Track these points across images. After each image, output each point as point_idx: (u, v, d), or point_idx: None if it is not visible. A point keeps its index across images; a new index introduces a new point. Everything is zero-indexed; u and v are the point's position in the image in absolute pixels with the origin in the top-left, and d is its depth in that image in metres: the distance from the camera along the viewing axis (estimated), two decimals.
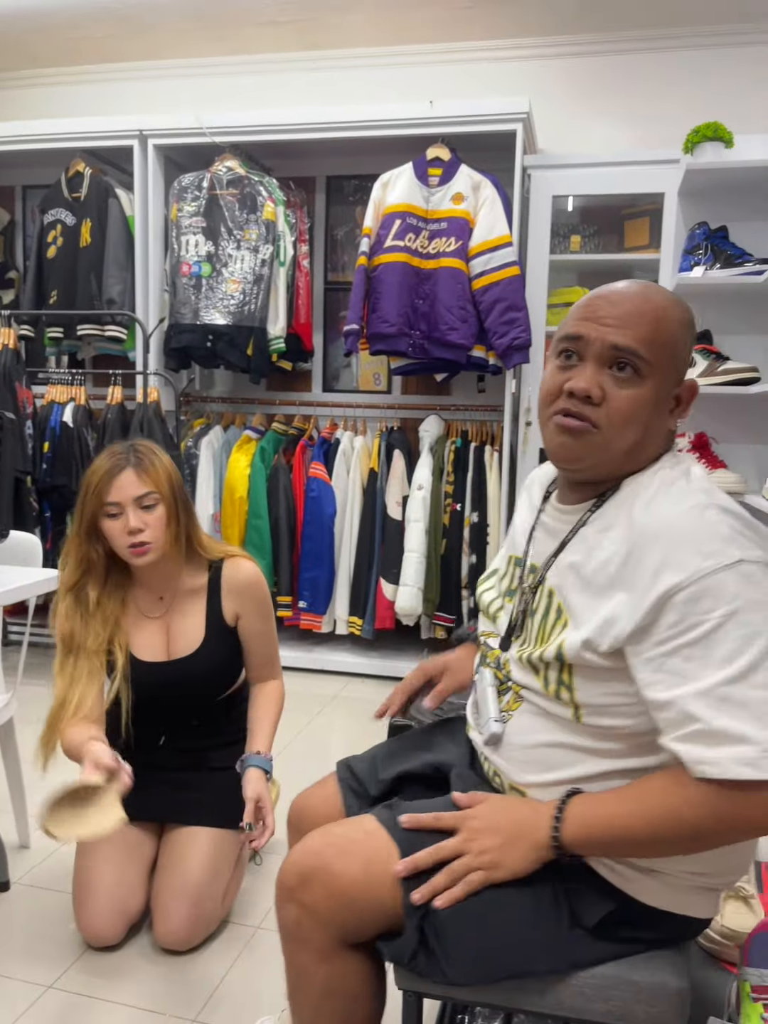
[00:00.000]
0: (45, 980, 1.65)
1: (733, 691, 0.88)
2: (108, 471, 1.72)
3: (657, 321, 1.00)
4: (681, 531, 0.93)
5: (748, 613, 0.88)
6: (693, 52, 3.35)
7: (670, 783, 0.93)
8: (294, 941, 1.08)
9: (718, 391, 2.74)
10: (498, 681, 1.14)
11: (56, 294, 3.55)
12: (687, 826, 0.92)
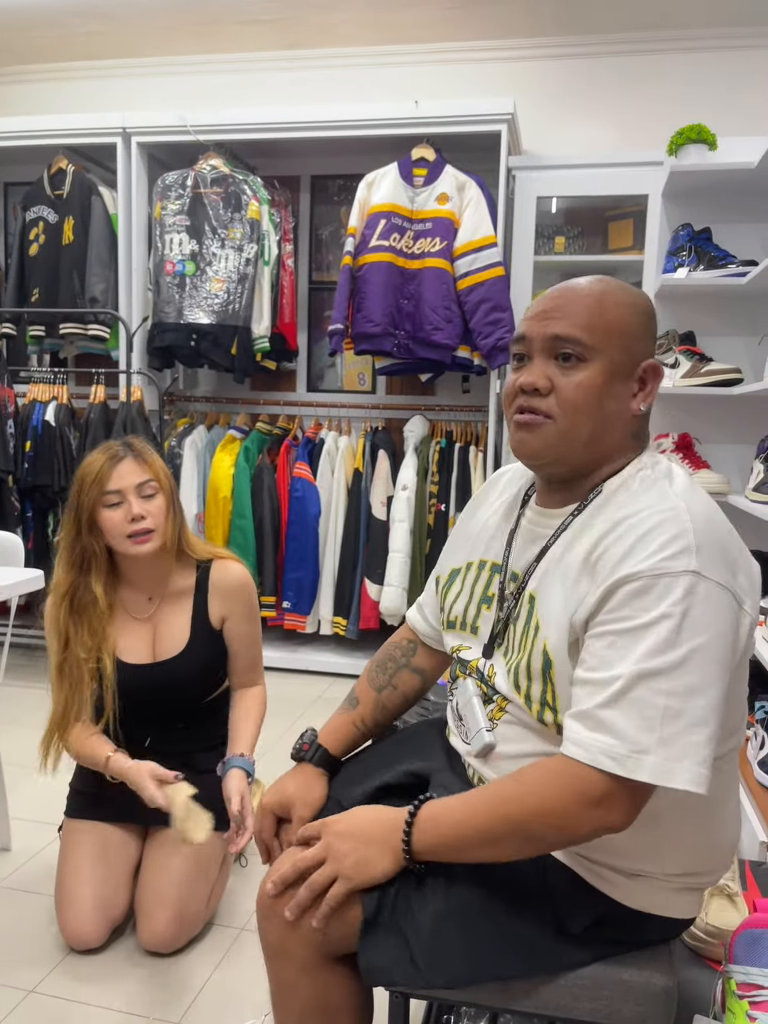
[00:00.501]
0: (27, 984, 1.63)
1: (635, 688, 0.89)
2: (108, 461, 1.73)
3: (596, 305, 1.01)
4: (652, 527, 0.93)
5: (682, 623, 0.89)
6: (677, 55, 3.38)
7: (526, 771, 0.96)
8: (277, 957, 1.08)
9: (702, 392, 2.76)
10: (481, 691, 1.12)
11: (38, 292, 3.52)
12: (529, 810, 0.93)
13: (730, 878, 1.42)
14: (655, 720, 0.88)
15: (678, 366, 2.79)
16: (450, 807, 0.99)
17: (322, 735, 1.27)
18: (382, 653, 1.35)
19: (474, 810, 0.97)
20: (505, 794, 0.96)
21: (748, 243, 2.97)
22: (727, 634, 0.91)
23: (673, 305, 3.09)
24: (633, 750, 0.88)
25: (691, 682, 0.88)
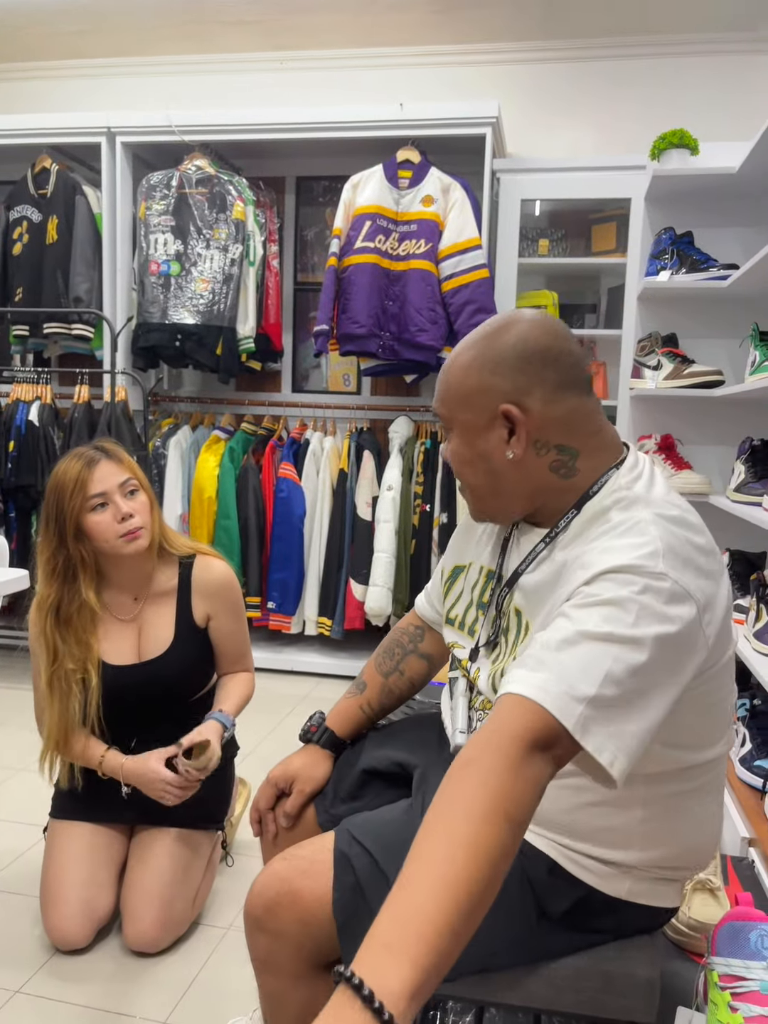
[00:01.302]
0: (12, 984, 1.63)
1: (582, 643, 0.85)
2: (85, 466, 1.71)
3: (442, 377, 1.08)
4: (618, 545, 0.92)
5: (636, 607, 0.86)
6: (659, 60, 3.41)
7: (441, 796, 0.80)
8: (267, 970, 1.08)
9: (684, 393, 2.79)
10: (469, 694, 1.14)
11: (22, 291, 3.51)
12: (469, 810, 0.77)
13: (712, 873, 1.44)
14: (596, 678, 0.82)
15: (661, 368, 2.81)
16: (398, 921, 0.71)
17: (330, 718, 1.32)
18: (389, 639, 1.38)
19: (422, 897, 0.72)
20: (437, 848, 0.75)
21: (729, 247, 3.00)
22: (681, 633, 0.87)
23: (656, 307, 3.12)
24: (568, 693, 0.82)
25: (641, 664, 0.84)
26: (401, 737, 1.30)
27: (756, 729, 1.95)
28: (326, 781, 1.25)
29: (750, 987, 1.07)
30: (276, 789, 1.25)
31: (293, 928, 1.03)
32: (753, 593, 2.10)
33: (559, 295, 3.35)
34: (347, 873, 1.03)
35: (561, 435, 1.01)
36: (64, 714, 1.73)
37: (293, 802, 1.23)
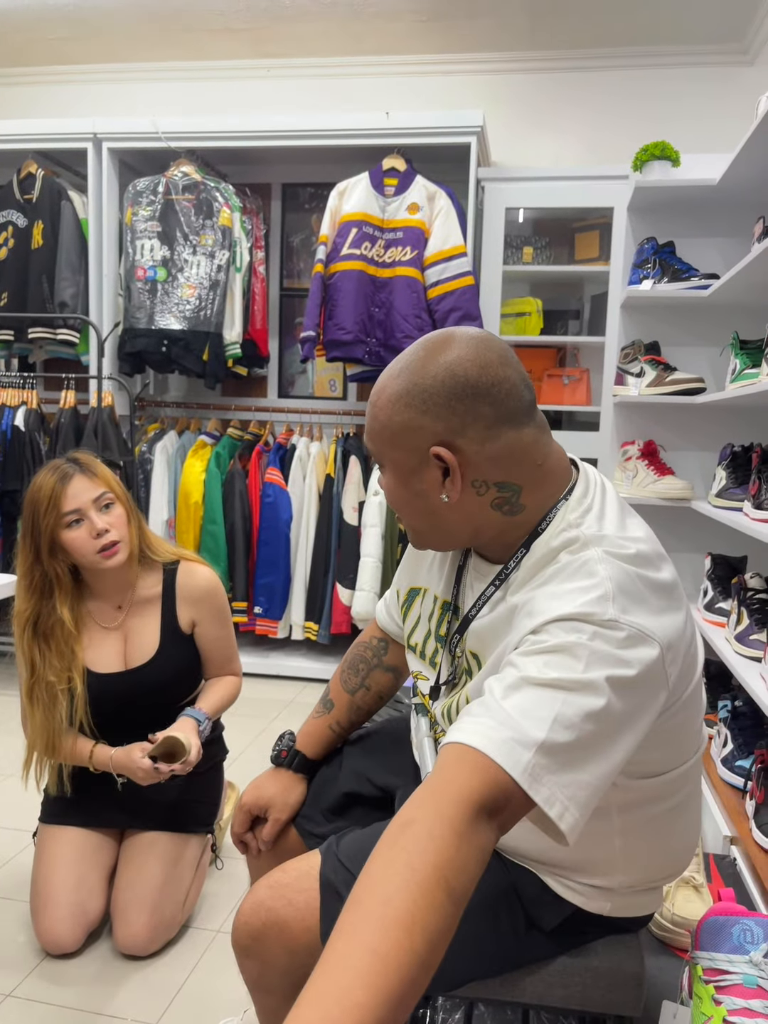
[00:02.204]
0: (3, 988, 1.64)
1: (527, 688, 0.81)
2: (58, 482, 1.70)
3: (371, 411, 0.99)
4: (566, 589, 0.88)
5: (586, 652, 0.82)
6: (643, 71, 3.46)
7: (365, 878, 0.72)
8: (259, 990, 1.10)
9: (666, 400, 2.83)
10: (432, 733, 1.13)
11: (6, 296, 3.51)
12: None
13: (695, 870, 1.47)
14: (545, 721, 0.78)
15: (643, 375, 2.85)
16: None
17: (300, 740, 1.30)
18: (352, 654, 1.36)
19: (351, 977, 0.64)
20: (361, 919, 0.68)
21: (710, 257, 3.06)
22: (640, 676, 0.83)
23: (639, 316, 3.16)
24: (515, 739, 0.77)
25: (597, 708, 0.79)
26: (381, 759, 1.30)
27: (737, 730, 1.99)
28: (300, 805, 1.25)
29: (733, 980, 1.10)
30: (250, 816, 1.24)
31: (281, 957, 1.03)
32: (734, 596, 2.13)
33: (543, 302, 3.39)
34: (334, 901, 1.02)
35: (500, 473, 0.94)
36: (48, 724, 1.73)
37: (270, 831, 1.22)
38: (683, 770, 1.00)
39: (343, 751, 1.34)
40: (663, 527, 3.07)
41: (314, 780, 1.29)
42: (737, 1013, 1.06)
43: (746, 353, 2.28)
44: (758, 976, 1.09)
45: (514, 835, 1.02)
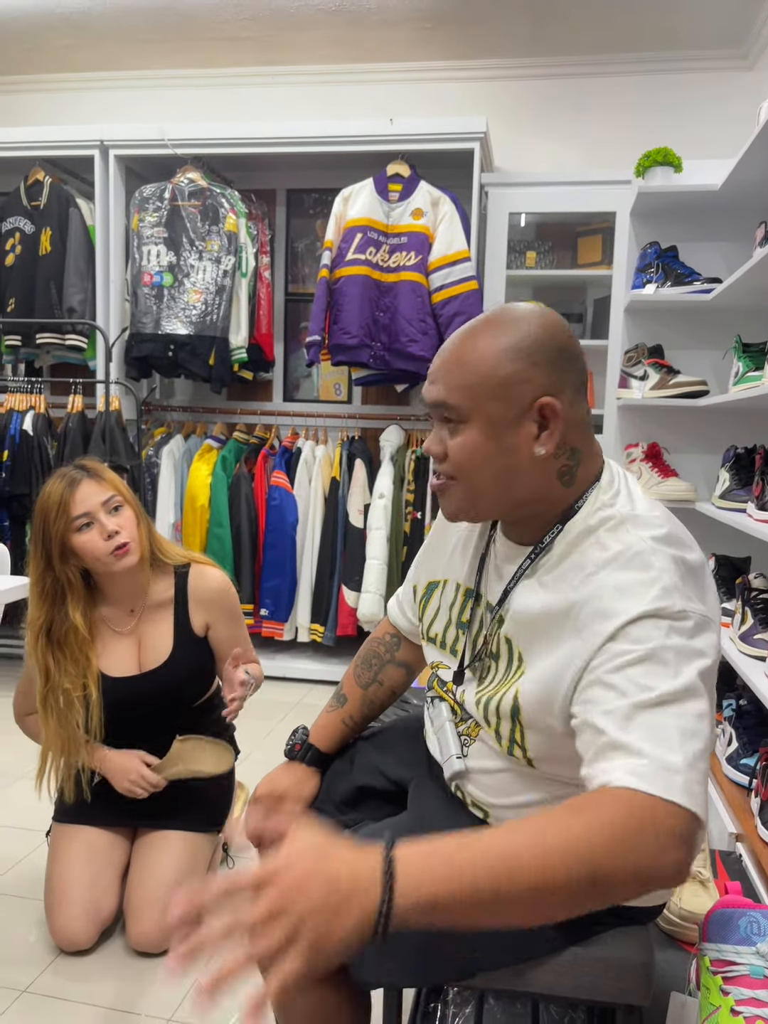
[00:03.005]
0: (19, 984, 1.66)
1: (642, 714, 0.84)
2: (67, 487, 1.73)
3: (458, 363, 0.97)
4: (629, 581, 0.91)
5: (671, 654, 0.86)
6: (645, 77, 3.49)
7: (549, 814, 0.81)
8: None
9: (670, 403, 2.85)
10: (455, 715, 1.14)
11: (14, 302, 3.54)
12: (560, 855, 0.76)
13: (701, 865, 1.49)
14: (675, 742, 0.82)
15: (647, 378, 2.88)
16: (451, 847, 0.78)
17: (313, 734, 1.31)
18: (366, 649, 1.38)
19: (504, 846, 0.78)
20: (548, 829, 0.79)
21: (713, 261, 3.09)
22: (714, 659, 0.91)
23: (642, 319, 3.19)
24: (659, 768, 0.80)
25: (702, 707, 0.85)
26: (393, 752, 1.30)
27: (742, 729, 2.01)
28: (314, 798, 1.26)
29: (740, 971, 1.12)
30: (265, 808, 1.25)
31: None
32: (739, 596, 2.16)
33: (548, 306, 3.40)
34: None
35: (577, 438, 0.99)
36: (62, 731, 1.76)
37: (284, 823, 1.24)
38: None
39: (356, 745, 1.35)
40: None
41: (327, 773, 1.30)
42: (744, 1003, 1.09)
43: (749, 356, 2.30)
44: (765, 967, 1.11)
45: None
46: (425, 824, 1.12)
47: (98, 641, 1.83)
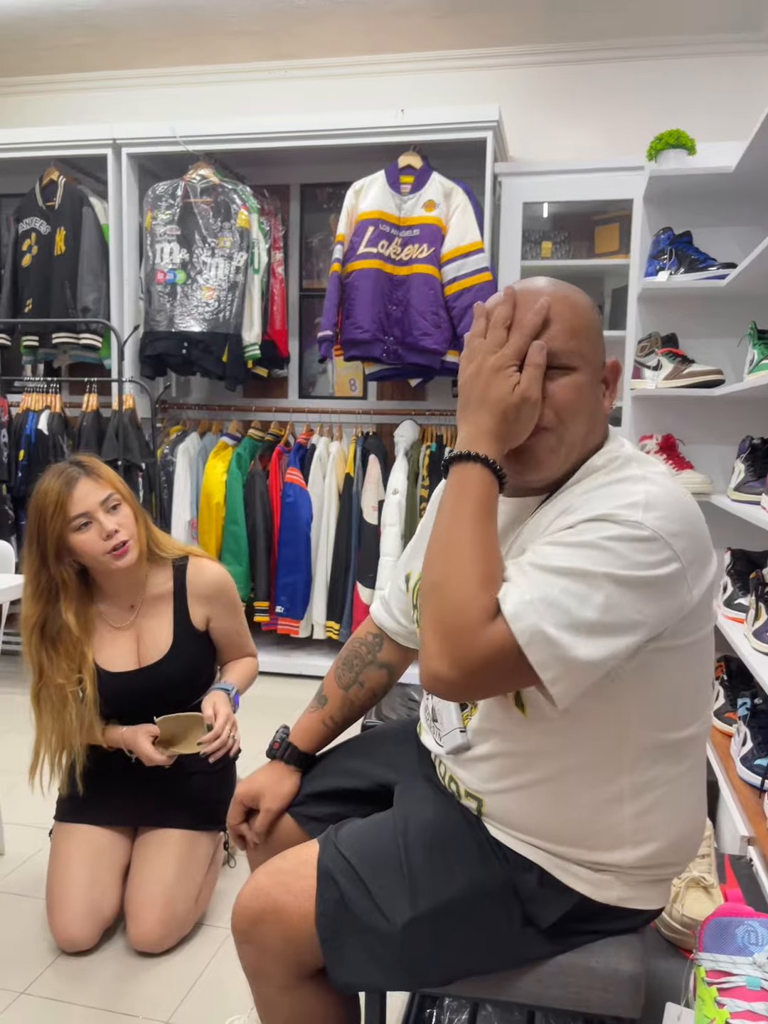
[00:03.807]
0: (17, 986, 1.65)
1: (532, 569, 0.90)
2: (63, 486, 1.71)
3: (572, 308, 0.99)
4: (613, 493, 0.94)
5: (597, 551, 0.88)
6: (660, 61, 3.41)
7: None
8: (256, 978, 1.10)
9: (684, 393, 2.78)
10: None
11: (31, 303, 3.56)
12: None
13: (706, 870, 1.44)
14: (539, 588, 0.88)
15: (660, 368, 2.81)
16: None
17: (293, 733, 1.32)
18: (347, 650, 1.37)
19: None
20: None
21: (727, 246, 3.00)
22: (659, 589, 0.89)
23: (655, 308, 3.12)
24: (513, 585, 0.89)
25: (599, 599, 0.87)
26: (380, 755, 1.30)
27: (757, 728, 1.95)
28: (293, 796, 1.25)
29: (736, 983, 1.07)
30: (243, 807, 1.26)
31: (278, 943, 1.05)
32: (753, 592, 2.09)
33: None
34: (330, 888, 1.04)
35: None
36: (56, 727, 1.75)
37: (261, 820, 1.23)
38: (691, 733, 1.01)
39: (340, 748, 1.35)
40: None
41: (309, 773, 1.29)
42: (740, 1016, 1.04)
43: (764, 343, 2.24)
44: (762, 978, 1.07)
45: (524, 809, 1.03)
46: (411, 818, 1.10)
47: (95, 637, 1.82)
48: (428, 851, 1.05)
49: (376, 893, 1.03)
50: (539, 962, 1.05)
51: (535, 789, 1.02)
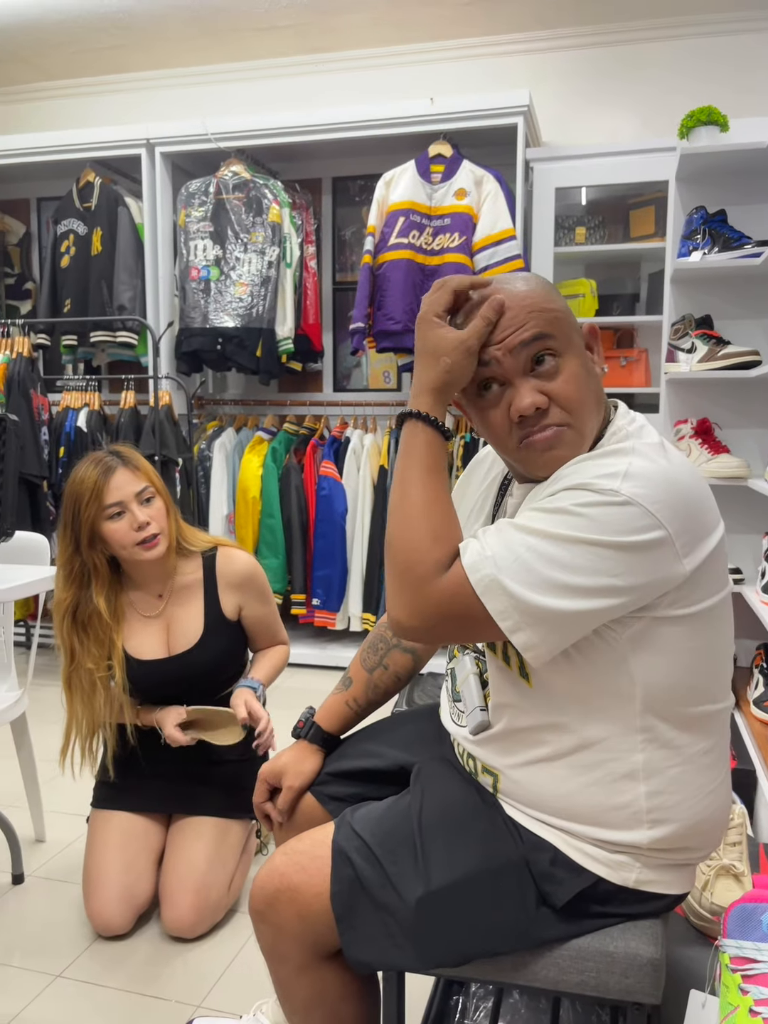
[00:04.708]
0: (54, 969, 1.69)
1: (506, 527, 0.94)
2: (101, 475, 1.74)
3: (541, 305, 0.99)
4: (597, 464, 0.95)
5: (571, 516, 0.90)
6: (690, 40, 3.35)
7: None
8: (273, 959, 1.11)
9: (719, 376, 2.72)
10: (478, 669, 1.13)
11: (70, 302, 3.62)
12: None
13: (737, 858, 1.41)
14: (518, 558, 0.90)
15: (695, 351, 2.75)
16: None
17: (318, 714, 1.33)
18: (373, 634, 1.37)
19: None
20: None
21: (763, 224, 2.92)
22: (639, 557, 0.89)
23: (688, 290, 3.05)
24: (485, 554, 0.92)
25: (566, 561, 0.89)
26: (400, 736, 1.30)
27: None
28: (315, 774, 1.26)
29: (761, 969, 1.05)
30: (267, 785, 1.28)
31: (293, 922, 1.06)
32: None
33: (599, 283, 3.30)
34: (345, 866, 1.04)
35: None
36: (87, 712, 1.78)
37: (283, 798, 1.25)
38: (707, 710, 1.00)
39: (363, 731, 1.35)
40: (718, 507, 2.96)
41: (331, 754, 1.30)
42: (764, 1003, 1.02)
43: None
44: None
45: (537, 785, 1.03)
46: (427, 798, 1.10)
47: (125, 625, 1.85)
48: (442, 829, 1.06)
49: (390, 871, 1.03)
50: (556, 945, 1.03)
51: (548, 764, 1.02)
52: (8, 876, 2.00)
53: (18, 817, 2.17)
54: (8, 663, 2.15)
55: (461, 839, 1.04)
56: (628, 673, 0.96)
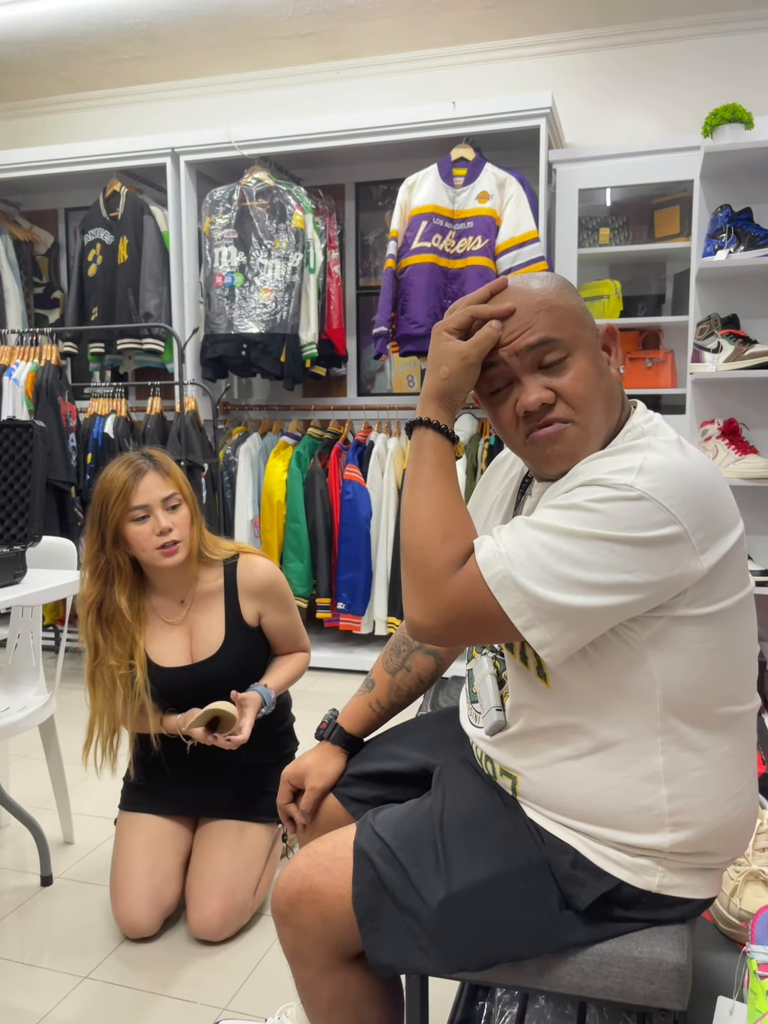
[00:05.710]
0: (82, 971, 1.70)
1: (520, 524, 0.95)
2: (132, 476, 1.76)
3: (549, 304, 1.00)
4: (613, 460, 0.95)
5: (583, 512, 0.90)
6: (712, 39, 3.33)
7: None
8: (296, 960, 1.11)
9: (746, 375, 2.69)
10: (496, 669, 1.13)
11: (97, 311, 3.66)
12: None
13: (766, 864, 1.39)
14: (532, 555, 0.91)
15: (721, 350, 2.72)
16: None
17: (340, 716, 1.33)
18: (396, 636, 1.37)
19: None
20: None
21: None
22: (655, 553, 0.89)
23: (714, 289, 3.02)
24: (499, 553, 0.93)
25: (580, 557, 0.89)
26: (422, 738, 1.31)
27: None
28: (338, 776, 1.27)
29: None
30: (290, 787, 1.28)
31: (316, 924, 1.06)
32: None
33: (623, 284, 3.28)
34: (366, 868, 1.04)
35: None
36: (108, 708, 1.80)
37: (306, 799, 1.25)
38: (731, 711, 0.99)
39: (385, 733, 1.35)
40: (744, 508, 2.93)
41: (354, 756, 1.30)
42: None
43: None
44: None
45: (557, 787, 1.02)
46: (448, 800, 1.10)
47: (148, 629, 1.86)
48: (464, 831, 1.05)
49: (412, 872, 1.03)
50: (580, 949, 1.02)
51: (567, 766, 1.01)
52: (37, 878, 2.02)
53: (47, 819, 2.20)
54: (37, 667, 2.17)
55: (482, 841, 1.04)
56: (648, 674, 0.95)
